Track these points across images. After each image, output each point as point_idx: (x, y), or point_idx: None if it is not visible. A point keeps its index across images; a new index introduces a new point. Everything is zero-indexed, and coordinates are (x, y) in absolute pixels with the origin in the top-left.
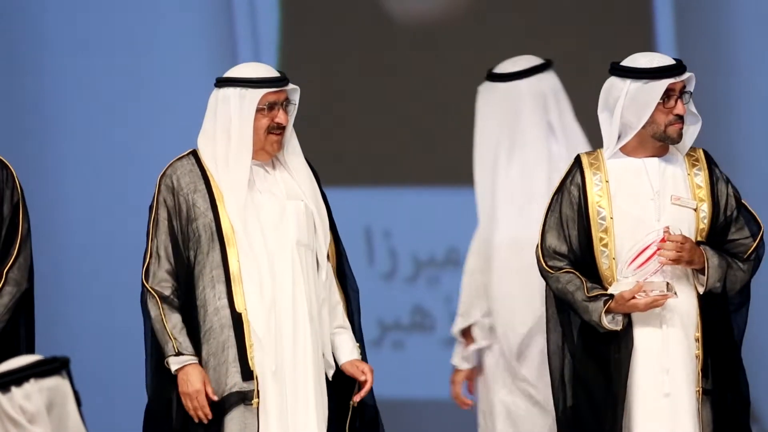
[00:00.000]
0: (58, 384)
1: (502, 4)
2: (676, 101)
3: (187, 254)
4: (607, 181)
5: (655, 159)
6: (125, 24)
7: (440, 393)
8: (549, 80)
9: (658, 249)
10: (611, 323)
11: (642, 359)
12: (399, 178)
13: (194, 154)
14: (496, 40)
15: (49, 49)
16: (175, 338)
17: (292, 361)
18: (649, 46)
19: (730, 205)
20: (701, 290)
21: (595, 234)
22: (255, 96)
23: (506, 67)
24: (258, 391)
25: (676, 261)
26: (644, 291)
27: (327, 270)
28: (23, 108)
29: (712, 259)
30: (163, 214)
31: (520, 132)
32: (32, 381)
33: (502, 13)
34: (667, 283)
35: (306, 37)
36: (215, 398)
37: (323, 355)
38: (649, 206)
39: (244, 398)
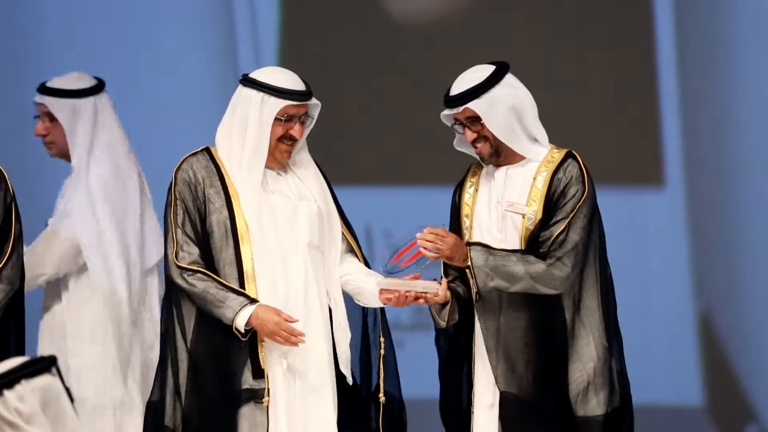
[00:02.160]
0: (49, 382)
1: (502, 4)
2: (463, 130)
3: (202, 248)
4: (477, 191)
5: (505, 167)
6: (125, 24)
7: None
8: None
9: (416, 242)
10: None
11: (477, 366)
12: (399, 178)
13: (207, 150)
14: (496, 40)
15: (48, 49)
16: (238, 291)
17: (303, 361)
18: (649, 46)
19: (557, 200)
20: (474, 290)
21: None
22: (276, 105)
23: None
24: (268, 390)
25: (437, 252)
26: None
27: (341, 251)
28: (23, 109)
29: (477, 259)
30: (182, 206)
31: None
32: (23, 382)
33: (502, 13)
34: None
35: (306, 37)
36: (296, 319)
37: (339, 354)
38: (493, 215)
39: (255, 396)
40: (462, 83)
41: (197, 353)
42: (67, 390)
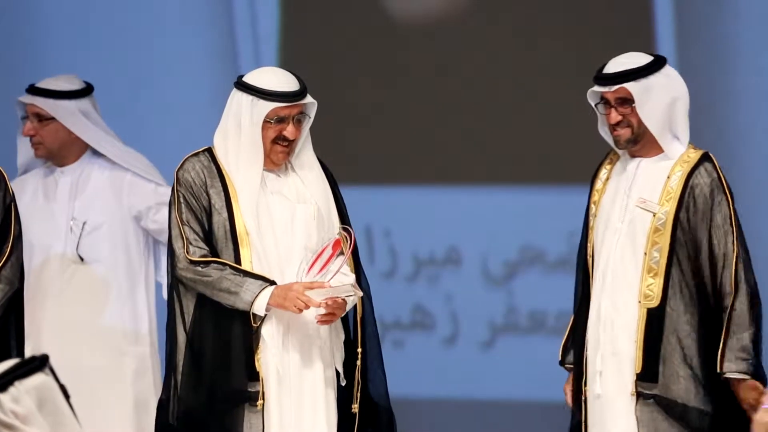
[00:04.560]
0: (43, 381)
1: (502, 4)
2: (607, 110)
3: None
4: (608, 179)
5: (638, 160)
6: (125, 24)
7: (440, 392)
8: None
9: (325, 249)
10: None
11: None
12: (399, 177)
13: (209, 151)
14: (496, 40)
15: (48, 48)
16: (256, 275)
17: (299, 364)
18: (649, 47)
19: (705, 211)
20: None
21: (588, 229)
22: (264, 108)
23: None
24: (263, 393)
25: None
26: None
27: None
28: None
29: (738, 368)
30: (186, 205)
31: None
32: (16, 384)
33: (502, 13)
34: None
35: (306, 37)
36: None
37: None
38: (617, 205)
39: (249, 399)
40: (620, 64)
41: (193, 353)
42: (62, 387)
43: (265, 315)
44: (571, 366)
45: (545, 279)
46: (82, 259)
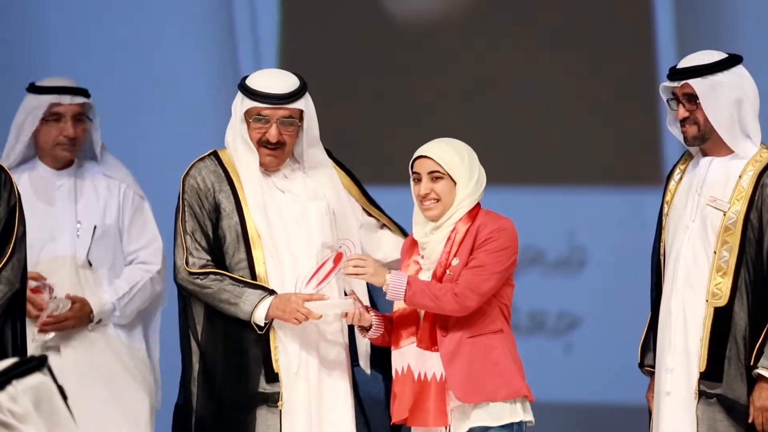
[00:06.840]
0: (41, 381)
1: (502, 4)
2: (677, 106)
3: (213, 254)
4: (681, 179)
5: (710, 158)
6: (125, 25)
7: None
8: None
9: (325, 263)
10: None
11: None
12: (400, 178)
13: (215, 154)
14: (496, 41)
15: (48, 50)
16: (255, 284)
17: (317, 363)
18: (648, 46)
19: None
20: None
21: (661, 229)
22: (246, 105)
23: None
24: (282, 393)
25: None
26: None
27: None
28: None
29: None
30: (191, 213)
31: None
32: (14, 383)
33: (502, 13)
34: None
35: (306, 37)
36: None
37: (359, 348)
38: (689, 203)
39: (268, 400)
40: (690, 60)
41: (208, 358)
42: (60, 388)
43: (270, 322)
44: (651, 369)
45: (545, 279)
46: (90, 264)
